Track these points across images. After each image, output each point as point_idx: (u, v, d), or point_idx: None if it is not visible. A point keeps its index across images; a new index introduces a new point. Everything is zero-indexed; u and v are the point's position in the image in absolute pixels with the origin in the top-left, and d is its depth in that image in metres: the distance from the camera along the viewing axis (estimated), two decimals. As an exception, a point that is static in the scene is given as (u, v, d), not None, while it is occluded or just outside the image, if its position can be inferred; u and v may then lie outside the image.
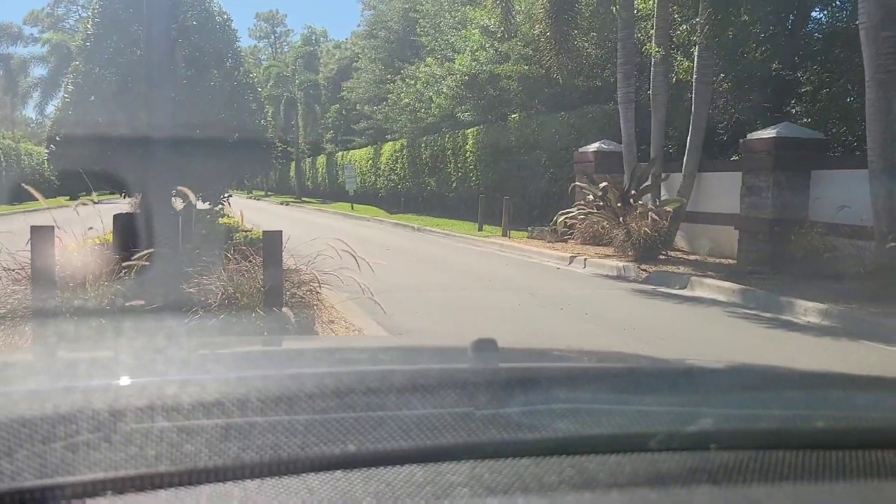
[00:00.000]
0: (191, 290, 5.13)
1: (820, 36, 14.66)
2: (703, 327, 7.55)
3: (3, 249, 5.12)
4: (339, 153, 40.40)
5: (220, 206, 9.14)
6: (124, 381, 1.04)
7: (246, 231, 8.61)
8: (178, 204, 7.35)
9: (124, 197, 8.75)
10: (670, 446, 0.92)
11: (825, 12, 14.93)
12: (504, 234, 16.81)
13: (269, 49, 79.24)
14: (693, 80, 13.47)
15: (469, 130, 22.82)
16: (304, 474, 0.80)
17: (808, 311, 8.01)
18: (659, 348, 6.36)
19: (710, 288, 9.67)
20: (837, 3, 14.05)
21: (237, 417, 0.84)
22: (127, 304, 4.58)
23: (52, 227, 4.54)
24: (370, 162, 33.07)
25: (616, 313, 8.07)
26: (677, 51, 14.68)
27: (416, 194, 27.71)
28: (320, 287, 6.41)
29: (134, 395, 0.89)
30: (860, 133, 10.60)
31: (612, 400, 1.09)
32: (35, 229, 4.43)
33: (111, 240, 5.77)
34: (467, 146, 22.75)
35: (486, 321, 7.47)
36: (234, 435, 0.82)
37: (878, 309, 7.62)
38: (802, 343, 6.84)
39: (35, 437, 0.77)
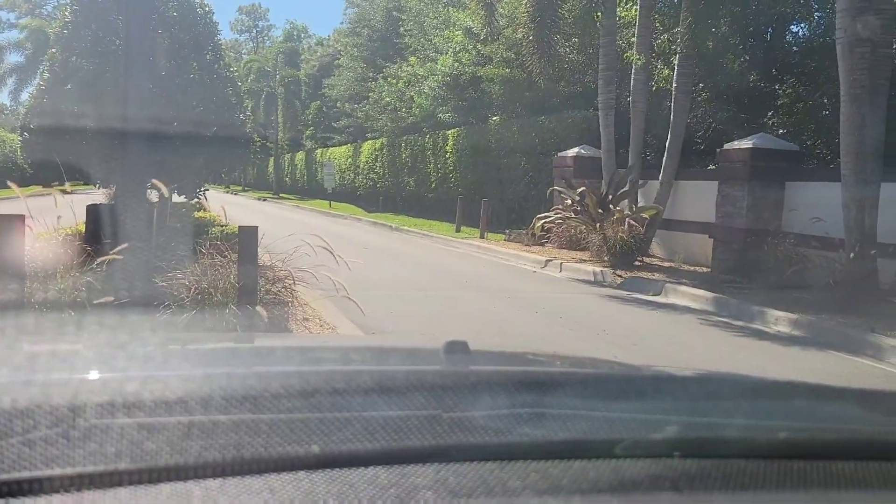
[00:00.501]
0: (163, 284, 5.07)
1: (797, 49, 14.88)
2: (676, 334, 7.62)
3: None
4: (319, 150, 40.21)
5: (195, 199, 9.06)
6: (85, 375, 1.02)
7: (222, 226, 8.54)
8: (154, 196, 7.27)
9: (98, 188, 8.62)
10: (635, 453, 0.92)
11: (803, 26, 15.17)
12: (481, 236, 16.83)
13: (251, 43, 78.76)
14: (672, 89, 13.60)
15: (450, 131, 22.83)
16: (266, 474, 0.79)
17: (778, 320, 8.11)
18: (632, 353, 6.41)
19: (684, 295, 9.76)
20: (816, 17, 14.25)
21: (200, 415, 0.83)
22: (96, 301, 4.52)
23: (23, 216, 4.46)
24: (349, 160, 32.95)
25: (590, 317, 8.12)
26: (658, 59, 14.83)
27: (394, 194, 27.67)
28: (295, 284, 6.38)
29: (94, 391, 0.88)
30: (834, 146, 10.76)
31: (579, 405, 1.08)
32: (4, 218, 4.36)
33: (83, 230, 5.69)
34: (447, 147, 22.75)
35: (460, 322, 7.48)
36: (197, 433, 0.81)
37: (846, 320, 7.74)
38: (772, 352, 6.92)
39: None
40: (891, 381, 6.06)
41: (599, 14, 14.60)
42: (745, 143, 11.83)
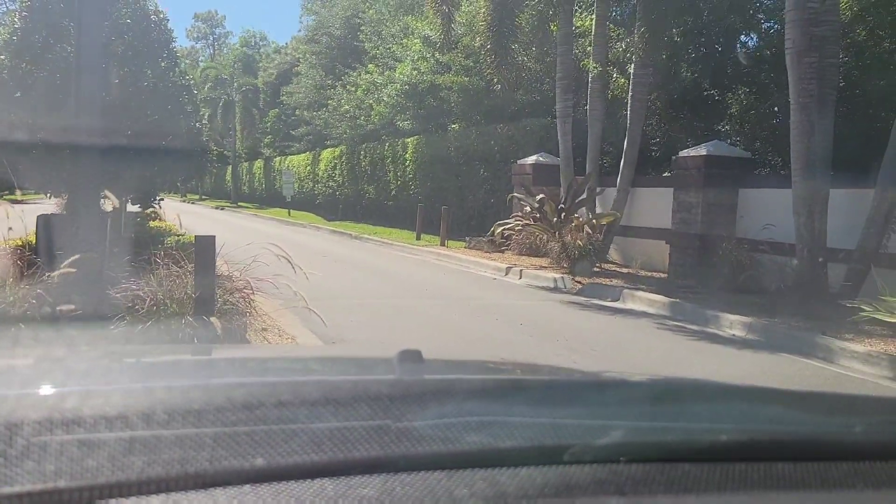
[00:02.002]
0: (118, 295, 4.97)
1: (747, 60, 15.24)
2: (633, 339, 7.72)
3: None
4: (277, 158, 39.90)
5: (151, 209, 8.92)
6: (23, 391, 1.01)
7: (178, 235, 8.41)
8: (107, 206, 7.12)
9: (50, 197, 8.43)
10: (582, 459, 0.93)
11: (752, 37, 15.56)
12: (442, 244, 16.86)
13: (208, 50, 77.86)
14: (629, 98, 13.83)
15: (409, 139, 22.85)
16: (211, 489, 0.79)
17: (732, 324, 8.28)
18: (591, 359, 6.48)
19: (642, 301, 9.90)
20: (764, 27, 14.64)
21: (142, 430, 0.82)
22: (58, 307, 4.41)
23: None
24: (308, 168, 32.75)
25: (550, 324, 8.18)
26: (614, 68, 15.06)
27: (354, 202, 27.57)
28: (254, 294, 6.31)
29: (32, 407, 0.86)
30: (785, 153, 11.02)
31: (526, 412, 1.09)
32: (-50, 229, 4.24)
33: (34, 241, 5.56)
34: (407, 155, 22.76)
35: (420, 330, 7.48)
36: (139, 449, 0.80)
37: (797, 323, 7.94)
38: (726, 355, 7.06)
39: None
40: (841, 381, 6.22)
41: (556, 24, 14.78)
42: (699, 151, 12.06)
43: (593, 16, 14.51)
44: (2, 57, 6.74)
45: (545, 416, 1.08)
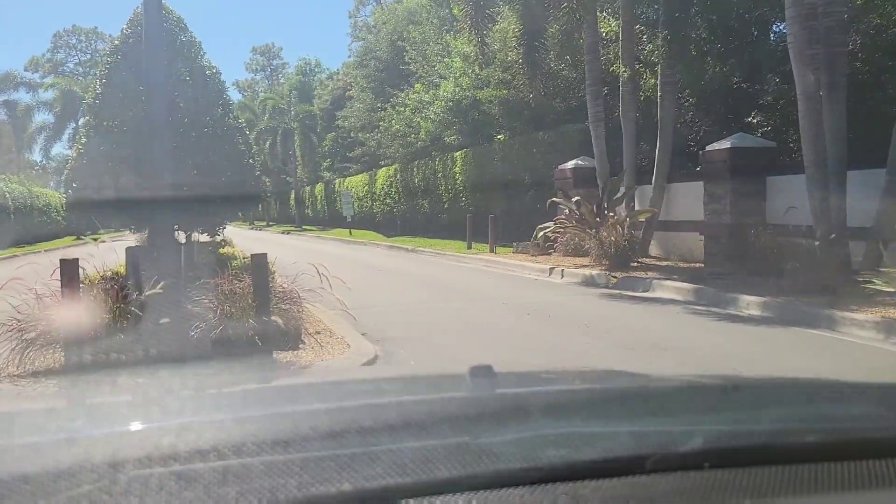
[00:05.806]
0: (195, 308, 6.05)
1: (779, 49, 15.59)
2: (647, 321, 8.42)
3: (34, 279, 6.08)
4: (337, 180, 41.45)
5: (220, 237, 10.12)
6: (123, 429, 1.09)
7: (243, 258, 9.57)
8: (181, 237, 8.32)
9: (133, 232, 9.72)
10: (664, 467, 0.93)
11: (781, 25, 15.89)
12: (491, 251, 17.68)
13: (266, 81, 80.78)
14: (659, 97, 14.42)
15: (457, 153, 23.82)
16: None
17: (750, 304, 8.87)
18: (603, 340, 7.21)
19: (669, 289, 10.53)
20: (776, 24, 14.98)
21: (234, 461, 0.86)
22: (160, 321, 5.49)
23: (77, 260, 5.47)
24: (366, 188, 34.09)
25: (576, 315, 8.94)
26: (644, 69, 15.65)
27: (410, 217, 28.66)
28: (311, 304, 7.30)
29: (132, 445, 0.92)
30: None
31: (604, 423, 1.11)
32: (63, 262, 5.37)
33: (124, 271, 6.70)
34: (456, 168, 23.73)
35: (454, 327, 8.33)
36: (232, 479, 0.83)
37: (811, 299, 8.47)
38: (737, 331, 7.70)
39: (37, 492, 0.79)
40: (833, 345, 6.86)
41: (583, 34, 15.49)
42: (724, 144, 12.60)
43: (619, 22, 15.16)
44: (87, 118, 8.01)
45: (623, 426, 1.08)
